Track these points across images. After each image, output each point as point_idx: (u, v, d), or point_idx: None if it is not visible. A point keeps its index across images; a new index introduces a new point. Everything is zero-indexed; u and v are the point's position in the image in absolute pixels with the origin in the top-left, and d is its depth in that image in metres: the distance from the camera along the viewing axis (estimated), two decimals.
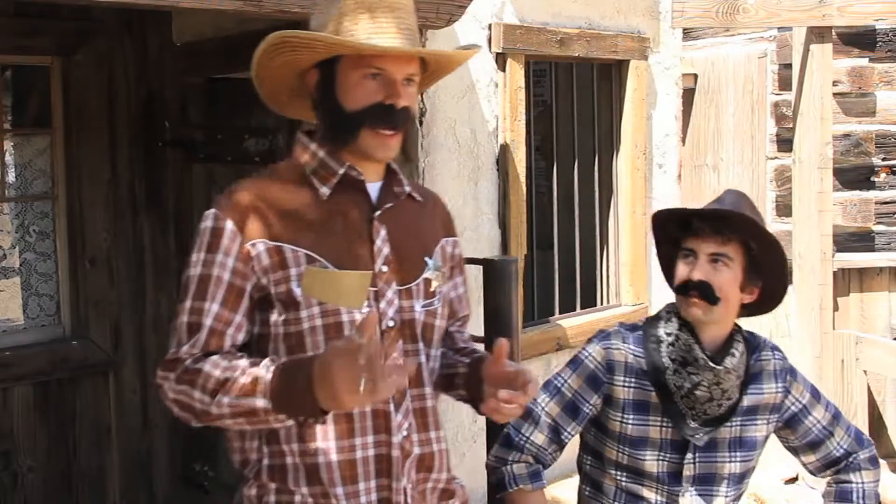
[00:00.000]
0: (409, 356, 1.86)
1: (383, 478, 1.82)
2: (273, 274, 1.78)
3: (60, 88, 4.19)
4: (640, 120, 5.17)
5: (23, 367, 4.05)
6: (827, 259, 5.21)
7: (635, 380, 2.22)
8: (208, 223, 1.81)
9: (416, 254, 1.91)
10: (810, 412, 2.33)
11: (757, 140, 6.95)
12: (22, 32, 3.95)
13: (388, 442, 1.82)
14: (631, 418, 2.22)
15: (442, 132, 4.22)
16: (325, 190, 1.84)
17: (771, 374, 2.29)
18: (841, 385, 5.18)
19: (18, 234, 4.24)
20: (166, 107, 4.43)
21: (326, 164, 1.86)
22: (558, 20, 4.74)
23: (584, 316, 5.01)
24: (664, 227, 2.29)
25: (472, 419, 4.38)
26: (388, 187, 1.92)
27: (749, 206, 2.22)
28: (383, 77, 1.81)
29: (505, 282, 3.27)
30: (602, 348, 2.25)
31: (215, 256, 1.78)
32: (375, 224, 1.86)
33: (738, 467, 2.27)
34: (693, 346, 2.17)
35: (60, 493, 4.20)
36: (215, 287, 1.77)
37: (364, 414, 1.80)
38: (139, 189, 4.41)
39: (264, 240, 1.78)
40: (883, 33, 5.89)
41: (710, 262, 2.16)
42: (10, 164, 4.22)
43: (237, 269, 1.78)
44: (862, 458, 2.36)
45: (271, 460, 1.82)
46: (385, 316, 1.83)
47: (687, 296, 2.17)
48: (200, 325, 1.77)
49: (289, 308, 1.78)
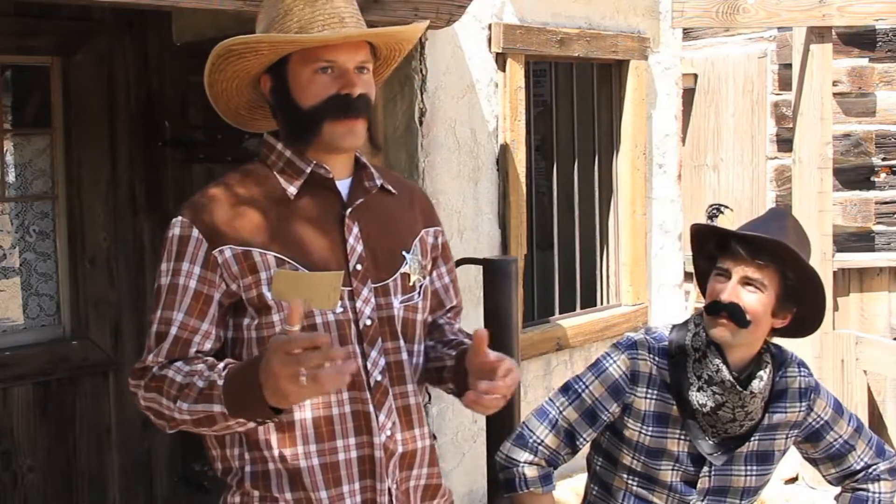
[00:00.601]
0: (390, 354, 1.84)
1: (367, 479, 1.80)
2: (243, 279, 1.76)
3: (60, 88, 4.19)
4: (640, 120, 5.16)
5: (23, 367, 4.05)
6: (827, 259, 5.21)
7: (657, 392, 2.19)
8: (175, 231, 1.79)
9: (392, 249, 1.88)
10: (832, 427, 2.29)
11: (757, 140, 6.95)
12: (22, 32, 3.95)
13: (371, 443, 1.80)
14: (650, 429, 2.19)
15: (442, 132, 4.22)
16: (292, 189, 1.81)
17: (796, 392, 2.25)
18: (841, 385, 5.18)
19: (18, 234, 4.24)
20: (166, 107, 4.43)
21: (293, 163, 1.83)
22: (558, 20, 4.74)
23: (584, 316, 5.01)
24: (701, 242, 2.24)
25: (472, 419, 4.38)
26: (358, 182, 1.88)
27: (794, 229, 2.17)
28: (335, 69, 1.78)
29: (505, 282, 3.27)
30: (628, 357, 2.21)
31: (181, 265, 1.76)
32: (347, 222, 1.83)
33: (754, 481, 2.25)
34: (721, 367, 2.12)
35: (60, 493, 4.20)
36: (181, 296, 1.75)
37: (345, 415, 1.78)
38: (139, 189, 4.41)
39: (231, 245, 1.76)
40: (883, 33, 5.89)
41: (743, 284, 2.11)
42: (10, 164, 4.22)
43: (203, 276, 1.76)
44: (882, 470, 2.33)
45: (253, 467, 1.79)
46: (362, 314, 1.80)
47: (717, 316, 2.12)
48: (167, 333, 1.75)
49: (261, 312, 1.77)
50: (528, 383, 4.51)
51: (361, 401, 1.79)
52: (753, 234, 2.11)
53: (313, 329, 1.76)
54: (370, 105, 1.82)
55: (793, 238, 2.13)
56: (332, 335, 1.77)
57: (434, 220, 2.02)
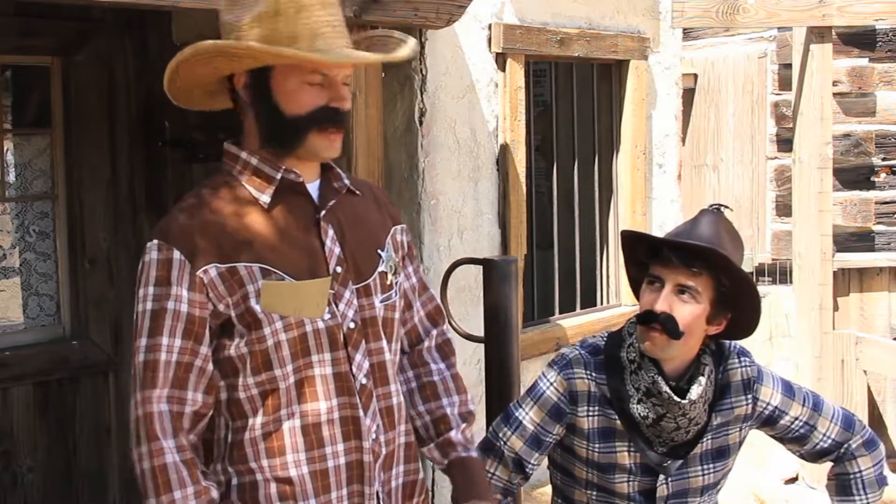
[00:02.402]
0: (373, 356, 1.83)
1: (355, 484, 1.80)
2: (231, 297, 1.72)
3: (60, 88, 4.19)
4: (640, 120, 5.16)
5: (23, 367, 4.05)
6: (827, 259, 5.21)
7: (599, 408, 2.13)
8: (153, 255, 1.74)
9: (368, 248, 1.87)
10: (785, 412, 2.23)
11: (757, 140, 6.95)
12: (22, 32, 3.95)
13: (360, 447, 1.79)
14: (597, 446, 2.15)
15: (442, 132, 4.22)
16: (265, 198, 1.78)
17: (739, 385, 2.19)
18: (841, 385, 5.18)
19: (18, 234, 4.24)
20: (166, 107, 4.41)
21: (261, 170, 1.79)
22: (558, 20, 4.74)
23: (584, 316, 5.01)
24: (632, 248, 2.17)
25: None
26: (327, 184, 1.86)
27: (727, 232, 2.09)
28: (326, 80, 1.76)
29: (505, 282, 3.27)
30: (564, 378, 2.14)
31: (168, 290, 1.71)
32: (322, 225, 1.81)
33: (713, 478, 2.21)
34: (657, 379, 2.06)
35: (60, 493, 4.20)
36: (174, 321, 1.70)
37: (333, 421, 1.77)
38: (139, 189, 4.41)
39: (215, 264, 1.72)
40: (883, 33, 5.90)
41: (677, 293, 2.04)
42: (10, 164, 4.22)
43: (193, 299, 1.71)
44: (855, 446, 2.27)
45: (239, 478, 1.77)
46: (345, 318, 1.79)
47: (648, 327, 2.04)
48: (167, 362, 1.70)
49: (251, 328, 1.73)
50: (528, 384, 4.51)
51: (351, 406, 1.78)
52: (685, 242, 2.03)
53: (304, 339, 1.74)
54: (348, 116, 1.88)
55: (726, 241, 2.06)
56: (323, 341, 1.76)
57: (398, 218, 2.01)
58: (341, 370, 1.78)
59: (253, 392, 1.75)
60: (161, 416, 1.69)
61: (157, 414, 1.69)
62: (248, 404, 1.76)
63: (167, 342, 1.70)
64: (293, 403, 1.75)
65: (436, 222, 4.18)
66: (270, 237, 1.76)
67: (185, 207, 1.80)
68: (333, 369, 1.77)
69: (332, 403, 1.77)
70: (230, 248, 1.73)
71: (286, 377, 1.75)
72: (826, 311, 5.23)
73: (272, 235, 1.76)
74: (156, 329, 1.71)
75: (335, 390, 1.77)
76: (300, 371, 1.75)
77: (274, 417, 1.75)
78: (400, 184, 4.16)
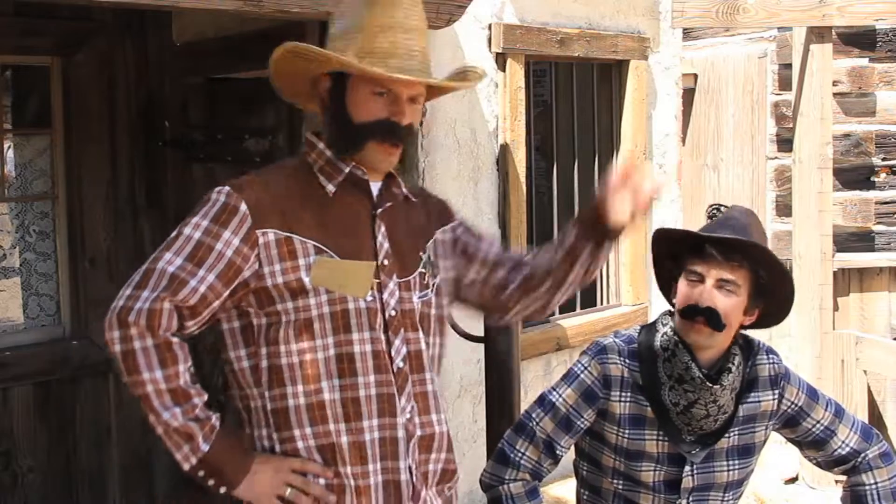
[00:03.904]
0: (410, 344, 1.95)
1: (388, 460, 1.90)
2: (281, 263, 1.85)
3: (60, 88, 4.19)
4: (640, 120, 5.16)
5: (23, 367, 4.05)
6: (827, 259, 5.21)
7: (631, 394, 2.20)
8: (221, 198, 1.86)
9: (412, 249, 2.01)
10: (808, 414, 2.28)
11: (757, 140, 6.95)
12: (22, 32, 3.95)
13: (394, 424, 1.90)
14: (627, 432, 2.20)
15: (442, 132, 4.22)
16: (330, 187, 1.94)
17: (766, 380, 2.26)
18: (841, 385, 5.17)
19: (18, 234, 4.24)
20: (166, 107, 4.43)
21: (333, 163, 1.95)
22: (558, 20, 4.74)
23: (584, 316, 5.01)
24: (665, 245, 2.25)
25: (473, 419, 4.38)
26: (387, 188, 2.01)
27: (757, 227, 2.18)
28: (390, 95, 1.92)
29: None
30: (598, 363, 2.22)
31: (222, 231, 1.83)
32: (377, 221, 1.96)
33: (737, 475, 2.25)
34: (690, 365, 2.13)
35: (60, 493, 4.20)
36: (216, 260, 1.82)
37: (371, 397, 1.88)
38: (139, 189, 4.41)
39: (275, 230, 1.85)
40: (883, 33, 5.89)
41: (718, 287, 2.12)
42: (10, 163, 4.22)
43: (241, 250, 1.83)
44: (872, 457, 2.30)
45: (283, 446, 1.88)
46: (388, 306, 1.93)
47: (692, 321, 2.13)
48: (193, 287, 1.80)
49: (297, 296, 1.85)
50: (528, 383, 4.51)
51: (386, 384, 1.90)
52: (729, 237, 2.11)
53: (346, 315, 1.87)
54: (412, 133, 1.98)
55: (757, 236, 2.16)
56: (363, 321, 1.89)
57: (447, 219, 2.14)
58: (379, 349, 1.90)
59: (294, 360, 1.87)
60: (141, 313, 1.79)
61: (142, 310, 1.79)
62: (288, 371, 1.86)
63: (202, 273, 1.81)
64: (333, 376, 1.87)
65: None
66: (329, 221, 1.90)
67: (261, 174, 1.95)
68: (373, 347, 1.89)
69: (370, 379, 1.89)
70: (290, 221, 1.87)
71: (326, 348, 1.87)
72: (826, 311, 5.22)
73: (331, 220, 1.91)
74: (197, 259, 1.81)
75: (373, 367, 1.89)
76: (340, 345, 1.87)
77: (315, 388, 1.86)
78: None
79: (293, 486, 1.85)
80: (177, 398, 1.80)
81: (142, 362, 1.79)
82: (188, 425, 1.80)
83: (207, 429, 1.82)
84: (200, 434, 1.82)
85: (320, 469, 1.87)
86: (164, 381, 1.79)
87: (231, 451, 1.85)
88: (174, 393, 1.80)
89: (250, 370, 1.90)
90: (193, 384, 1.84)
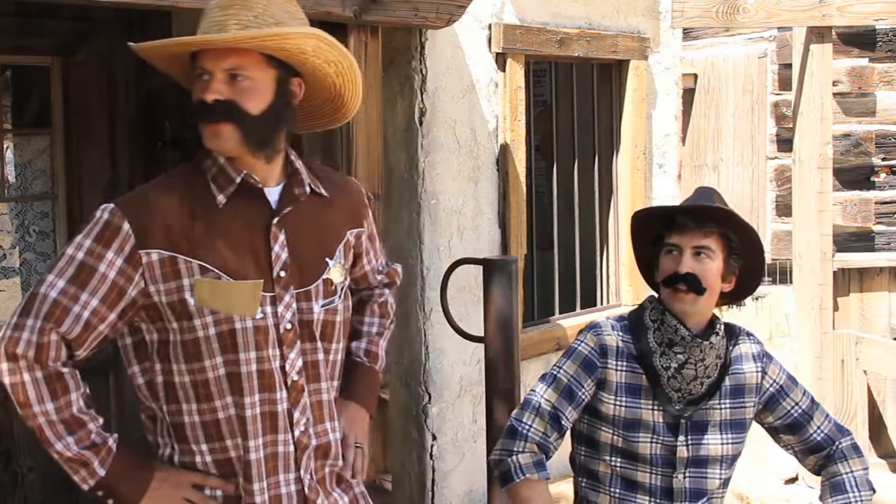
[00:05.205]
0: (307, 354, 1.93)
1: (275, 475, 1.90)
2: (164, 284, 1.82)
3: (60, 88, 4.18)
4: (640, 120, 5.16)
5: None
6: (827, 259, 5.21)
7: (627, 363, 2.32)
8: (105, 216, 1.82)
9: (316, 255, 1.96)
10: (788, 394, 2.40)
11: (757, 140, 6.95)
12: (22, 32, 3.95)
13: (276, 441, 1.90)
14: (624, 400, 2.31)
15: (442, 132, 4.22)
16: (221, 198, 1.87)
17: (749, 355, 2.39)
18: (841, 385, 5.18)
19: (18, 234, 4.24)
20: (166, 107, 4.42)
21: (225, 170, 1.89)
22: (558, 20, 4.74)
23: (584, 316, 5.00)
24: (644, 229, 2.40)
25: (473, 419, 4.38)
26: (289, 190, 1.94)
27: (721, 199, 2.34)
28: (207, 74, 1.86)
29: (505, 282, 3.27)
30: (594, 335, 2.36)
31: (105, 252, 1.80)
32: (273, 230, 1.89)
33: (731, 449, 2.35)
34: (678, 327, 2.28)
35: (60, 493, 4.19)
36: (98, 282, 1.79)
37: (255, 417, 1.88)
38: None
39: (159, 250, 1.81)
40: (883, 33, 5.90)
41: (694, 255, 2.27)
42: (10, 163, 4.22)
43: (124, 270, 1.80)
44: (845, 447, 2.42)
45: (181, 457, 1.90)
46: (283, 319, 1.89)
47: (675, 288, 2.27)
48: (76, 315, 1.78)
49: (181, 317, 1.83)
50: (529, 384, 4.51)
51: (270, 402, 1.88)
52: (696, 204, 2.29)
53: (232, 335, 1.84)
54: (233, 110, 1.85)
55: (723, 205, 2.32)
56: (250, 339, 1.85)
57: (359, 221, 2.09)
58: (265, 367, 1.87)
59: (185, 379, 1.86)
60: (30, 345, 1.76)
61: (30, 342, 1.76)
62: (181, 390, 1.86)
63: (85, 298, 1.78)
64: (226, 395, 1.86)
65: (436, 222, 4.18)
66: (217, 236, 1.84)
67: (149, 188, 1.89)
68: (258, 366, 1.86)
69: (255, 399, 1.87)
70: (175, 239, 1.82)
71: (215, 368, 1.85)
72: (826, 311, 5.23)
73: (220, 235, 1.85)
74: (80, 282, 1.79)
75: (258, 387, 1.86)
76: (228, 365, 1.85)
77: (209, 406, 1.86)
78: (400, 184, 4.16)
79: (192, 501, 1.86)
80: (70, 427, 1.80)
81: (32, 395, 1.77)
82: (82, 454, 1.81)
83: (104, 453, 1.83)
84: (97, 459, 1.82)
85: (220, 483, 1.88)
86: (56, 413, 1.79)
87: (128, 471, 1.85)
88: (66, 423, 1.80)
89: (146, 385, 1.90)
90: (87, 409, 1.83)
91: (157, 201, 1.84)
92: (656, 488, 2.30)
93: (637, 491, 2.31)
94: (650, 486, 2.30)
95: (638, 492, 2.31)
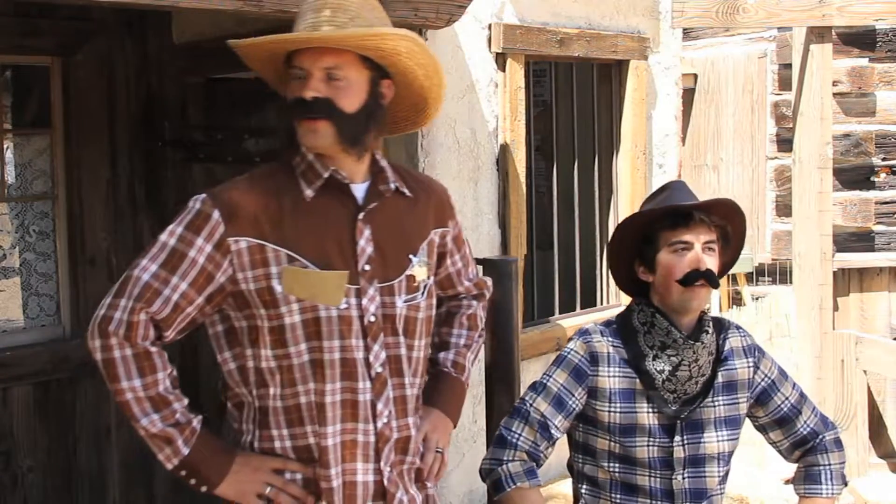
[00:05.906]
0: (390, 349, 1.98)
1: (347, 462, 1.95)
2: (252, 271, 1.89)
3: (60, 88, 4.19)
4: (640, 120, 5.17)
5: (23, 367, 4.05)
6: (827, 259, 5.21)
7: (619, 369, 2.30)
8: (196, 206, 1.90)
9: (399, 251, 2.01)
10: (779, 388, 2.41)
11: (757, 140, 6.96)
12: (22, 32, 3.95)
13: (355, 429, 1.95)
14: (619, 406, 2.29)
15: (442, 132, 4.22)
16: (308, 192, 1.94)
17: (741, 350, 2.39)
18: (841, 385, 5.18)
19: (18, 234, 4.24)
20: (166, 107, 4.43)
21: (314, 166, 1.96)
22: (558, 20, 4.74)
23: (584, 316, 5.01)
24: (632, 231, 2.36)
25: (472, 419, 4.38)
26: (374, 187, 2.01)
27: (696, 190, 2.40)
28: (303, 74, 1.91)
29: (505, 282, 3.27)
30: (584, 342, 2.33)
31: (195, 239, 1.87)
32: (359, 224, 1.96)
33: (727, 445, 2.35)
34: (670, 329, 2.26)
35: (60, 493, 4.20)
36: (189, 266, 1.87)
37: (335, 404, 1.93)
38: (139, 189, 4.41)
39: (248, 237, 1.88)
40: (883, 33, 5.89)
41: (706, 249, 2.27)
42: (10, 163, 4.22)
43: (212, 256, 1.87)
44: (828, 440, 2.43)
45: (261, 444, 1.96)
46: (367, 311, 1.94)
47: (694, 286, 2.24)
48: (166, 297, 1.86)
49: (268, 304, 1.89)
50: (528, 383, 4.51)
51: (352, 390, 1.93)
52: (712, 201, 2.31)
53: (317, 322, 1.90)
54: (331, 108, 1.90)
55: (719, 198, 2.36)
56: (334, 328, 1.91)
57: (445, 219, 2.16)
58: (348, 357, 1.92)
59: (271, 364, 1.92)
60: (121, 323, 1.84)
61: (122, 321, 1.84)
62: (268, 375, 1.92)
63: (175, 282, 1.86)
64: (309, 381, 1.91)
65: None
66: (305, 228, 1.91)
67: (241, 180, 1.97)
68: (341, 355, 1.92)
69: (336, 386, 1.92)
70: (264, 228, 1.89)
71: (300, 354, 1.91)
72: (826, 311, 5.23)
73: (307, 227, 1.92)
74: (171, 265, 1.87)
75: (340, 374, 1.92)
76: (313, 352, 1.91)
77: (291, 391, 1.92)
78: None
79: (273, 485, 1.91)
80: (156, 405, 1.87)
81: (121, 371, 1.86)
82: (167, 430, 1.87)
83: (188, 432, 1.89)
84: (180, 438, 1.88)
85: (300, 466, 1.92)
86: (143, 389, 1.86)
87: (212, 453, 1.91)
88: (153, 400, 1.87)
89: (238, 371, 1.96)
90: (174, 390, 1.90)
91: (247, 192, 1.92)
92: (657, 491, 2.29)
93: (638, 495, 2.31)
94: (651, 490, 2.29)
95: (639, 496, 2.31)
